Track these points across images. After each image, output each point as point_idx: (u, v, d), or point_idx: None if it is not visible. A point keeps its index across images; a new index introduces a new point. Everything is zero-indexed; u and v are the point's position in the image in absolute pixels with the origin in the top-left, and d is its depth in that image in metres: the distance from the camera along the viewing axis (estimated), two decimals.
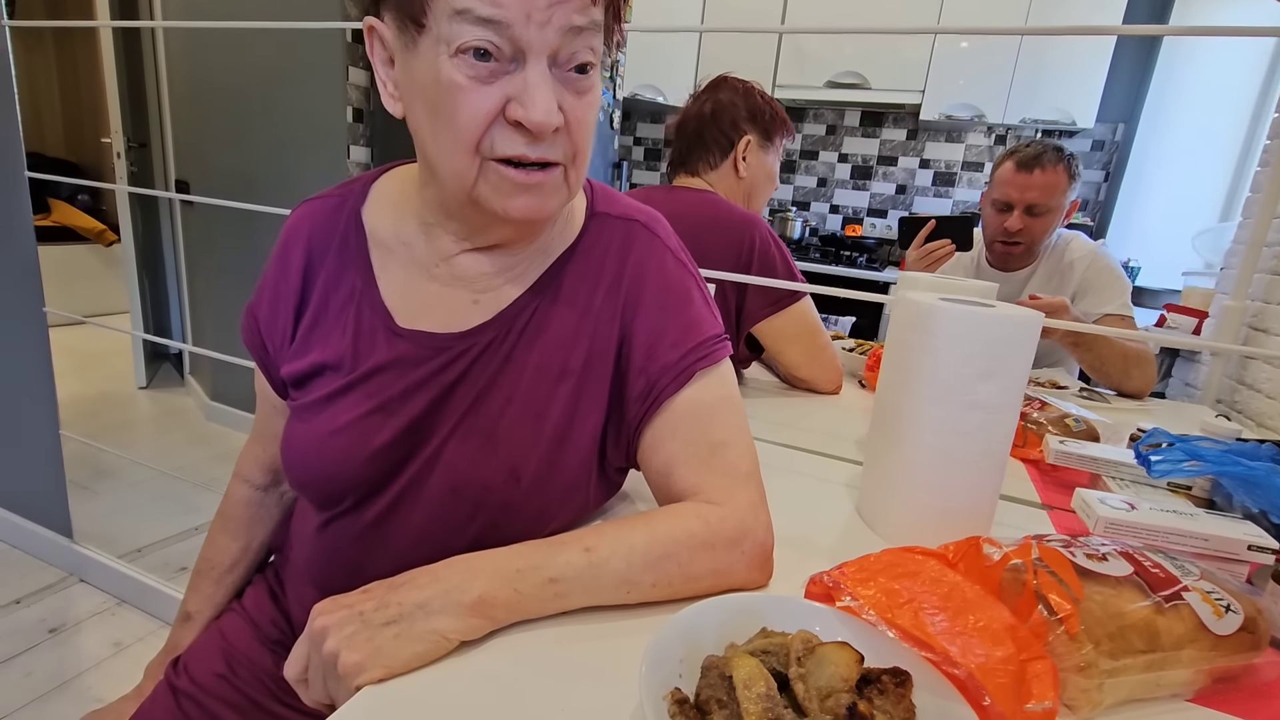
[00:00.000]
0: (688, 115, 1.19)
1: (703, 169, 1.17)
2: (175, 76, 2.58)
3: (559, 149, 0.49)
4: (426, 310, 0.57)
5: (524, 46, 0.45)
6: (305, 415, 0.58)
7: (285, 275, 0.60)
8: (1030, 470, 0.87)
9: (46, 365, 1.64)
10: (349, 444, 0.55)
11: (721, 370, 0.58)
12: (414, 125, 0.51)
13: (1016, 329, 0.57)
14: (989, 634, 0.40)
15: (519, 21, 0.43)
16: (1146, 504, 0.65)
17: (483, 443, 0.55)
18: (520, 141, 0.47)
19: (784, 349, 1.11)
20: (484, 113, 0.46)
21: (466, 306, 0.57)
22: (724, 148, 1.16)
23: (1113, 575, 0.46)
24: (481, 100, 0.45)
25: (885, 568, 0.46)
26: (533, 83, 0.45)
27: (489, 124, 0.46)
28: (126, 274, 2.84)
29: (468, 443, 0.55)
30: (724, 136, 1.15)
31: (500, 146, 0.47)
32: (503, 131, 0.47)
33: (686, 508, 0.52)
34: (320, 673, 0.43)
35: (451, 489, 0.54)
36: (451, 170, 0.49)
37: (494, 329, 0.56)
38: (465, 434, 0.55)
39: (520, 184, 0.48)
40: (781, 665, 0.37)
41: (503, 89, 0.46)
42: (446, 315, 0.56)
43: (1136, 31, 0.72)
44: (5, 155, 1.53)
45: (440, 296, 0.57)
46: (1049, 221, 1.43)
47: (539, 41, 0.45)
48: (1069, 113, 2.60)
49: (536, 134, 0.46)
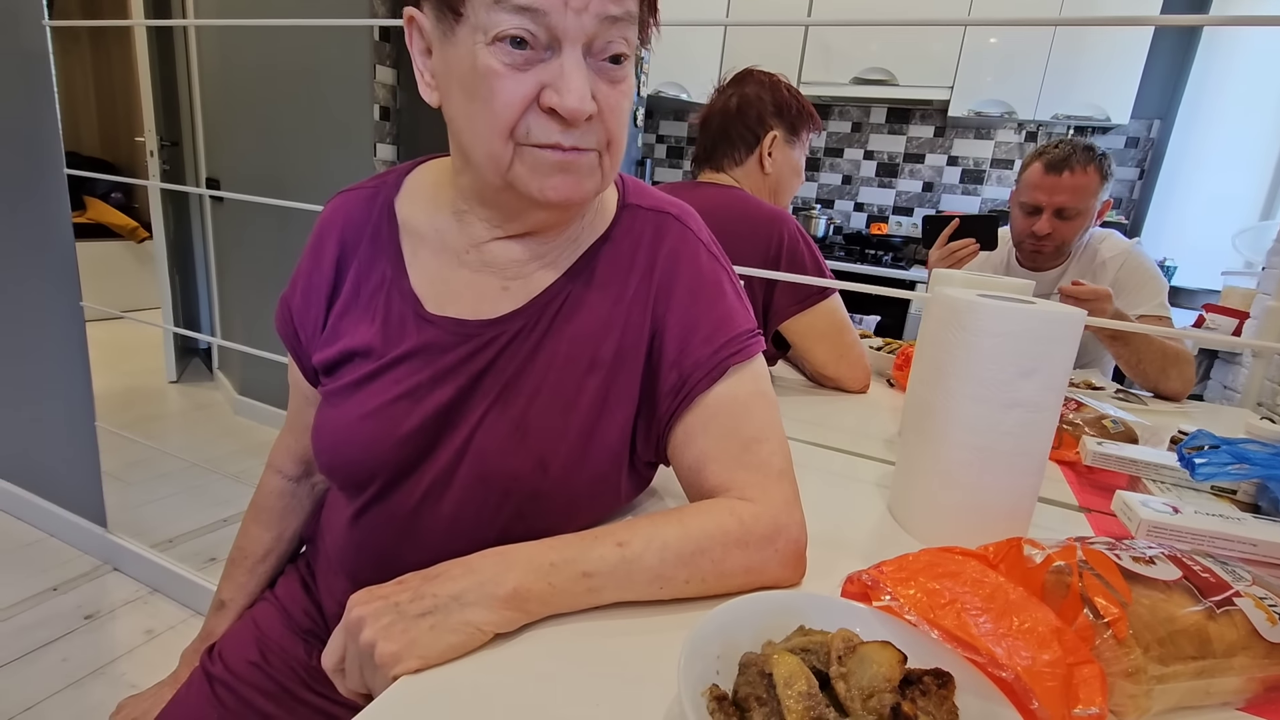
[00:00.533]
0: (712, 110, 1.17)
1: (728, 165, 1.16)
2: (207, 76, 2.63)
3: (592, 136, 0.49)
4: (456, 296, 0.57)
5: (560, 34, 0.45)
6: (335, 400, 0.58)
7: (318, 265, 0.61)
8: (1066, 472, 0.85)
9: (83, 359, 1.68)
10: (377, 428, 0.55)
11: (755, 366, 0.57)
12: (450, 113, 0.51)
13: (1059, 325, 0.56)
14: (1034, 637, 0.39)
15: (556, 9, 0.44)
16: (1190, 507, 0.64)
17: (511, 432, 0.55)
18: (555, 129, 0.47)
19: (812, 347, 1.10)
20: (518, 99, 0.46)
21: (496, 293, 0.57)
22: (749, 143, 1.14)
23: (1161, 579, 0.45)
24: (516, 86, 0.46)
25: (925, 567, 0.45)
26: (568, 70, 0.46)
27: (524, 110, 0.47)
28: (158, 270, 2.90)
29: (496, 431, 0.55)
30: (749, 132, 1.14)
31: (535, 133, 0.48)
32: (537, 118, 0.47)
33: (720, 504, 0.52)
34: (357, 662, 0.43)
35: (480, 477, 0.55)
36: (487, 154, 0.49)
37: (523, 317, 0.56)
38: (494, 422, 0.55)
39: (555, 163, 0.48)
40: (821, 664, 0.37)
41: (538, 76, 0.46)
42: (476, 301, 0.57)
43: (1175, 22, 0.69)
44: (46, 154, 1.57)
45: (470, 282, 0.57)
46: (1079, 224, 1.39)
47: (575, 29, 0.45)
48: (1103, 109, 2.54)
49: (570, 120, 0.47)
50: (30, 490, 1.86)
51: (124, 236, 4.04)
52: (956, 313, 0.59)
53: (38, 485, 1.86)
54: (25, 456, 1.88)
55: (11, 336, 1.81)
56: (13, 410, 1.87)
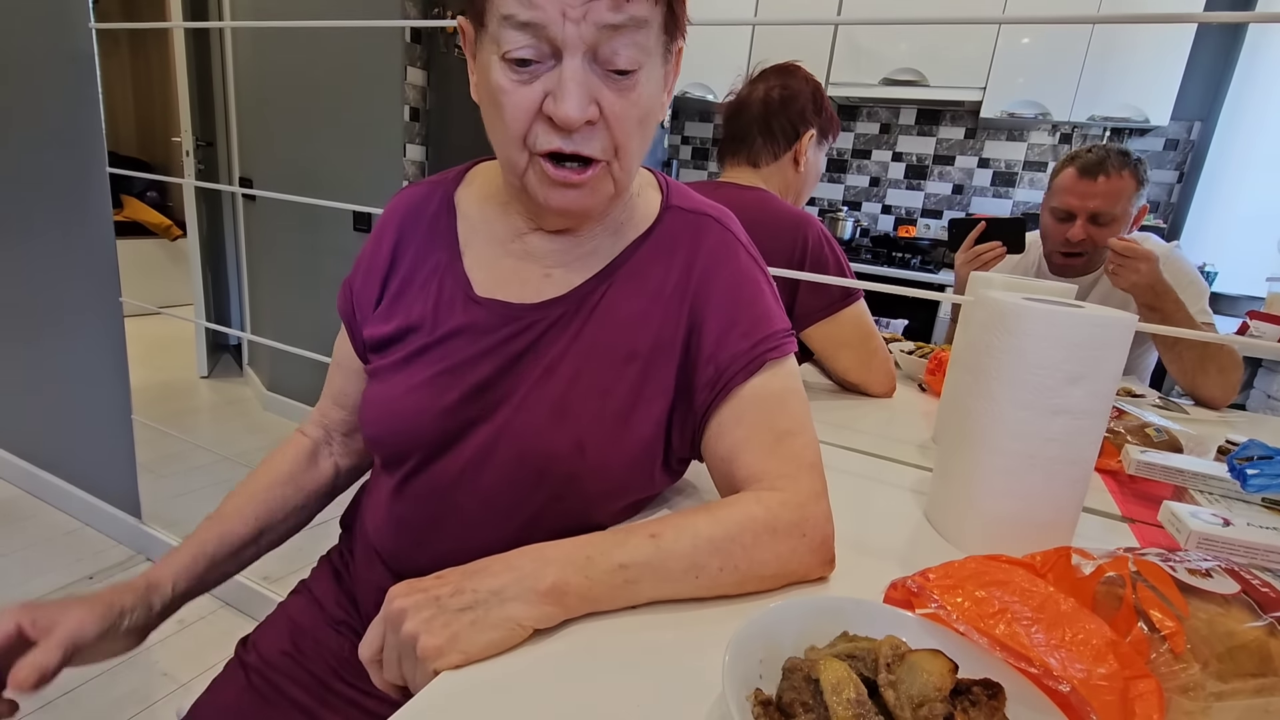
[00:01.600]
0: (751, 99, 1.13)
1: (765, 160, 1.13)
2: (242, 78, 2.68)
3: (597, 144, 0.50)
4: (503, 281, 0.60)
5: (560, 44, 0.47)
6: (384, 375, 0.61)
7: (378, 250, 0.65)
8: (1107, 481, 0.83)
9: (122, 353, 1.72)
10: (420, 401, 0.58)
11: (789, 363, 0.59)
12: (483, 113, 0.55)
13: (1110, 330, 0.54)
14: (1089, 649, 0.38)
15: (554, 21, 0.46)
16: (1242, 520, 0.62)
17: (550, 413, 0.56)
18: (557, 136, 0.49)
19: (837, 354, 1.08)
20: (524, 110, 0.49)
21: (539, 280, 0.59)
22: (790, 138, 1.12)
23: (1219, 593, 0.43)
24: (522, 99, 0.49)
25: (971, 575, 0.44)
26: (565, 78, 0.47)
27: (531, 120, 0.49)
28: (191, 267, 2.96)
29: (536, 412, 0.56)
30: (791, 127, 1.11)
31: (541, 141, 0.50)
32: (543, 126, 0.50)
33: (748, 495, 0.53)
34: (396, 654, 0.44)
35: (518, 455, 0.56)
36: (506, 160, 0.53)
37: (565, 304, 0.58)
38: (534, 403, 0.57)
39: (556, 180, 0.51)
40: (869, 671, 0.36)
41: (543, 85, 0.48)
42: (521, 286, 0.59)
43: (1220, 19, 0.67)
44: (90, 154, 1.61)
45: (515, 269, 0.60)
46: (1113, 230, 1.36)
47: (574, 38, 0.47)
48: (1141, 110, 2.48)
49: (565, 128, 0.48)
50: (69, 481, 1.91)
51: (158, 234, 4.14)
52: (1002, 316, 0.58)
53: (77, 476, 1.91)
54: (66, 449, 1.93)
55: (54, 331, 1.86)
56: (54, 403, 1.92)
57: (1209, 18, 0.68)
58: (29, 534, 1.82)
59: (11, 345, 1.96)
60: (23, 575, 1.64)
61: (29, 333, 1.91)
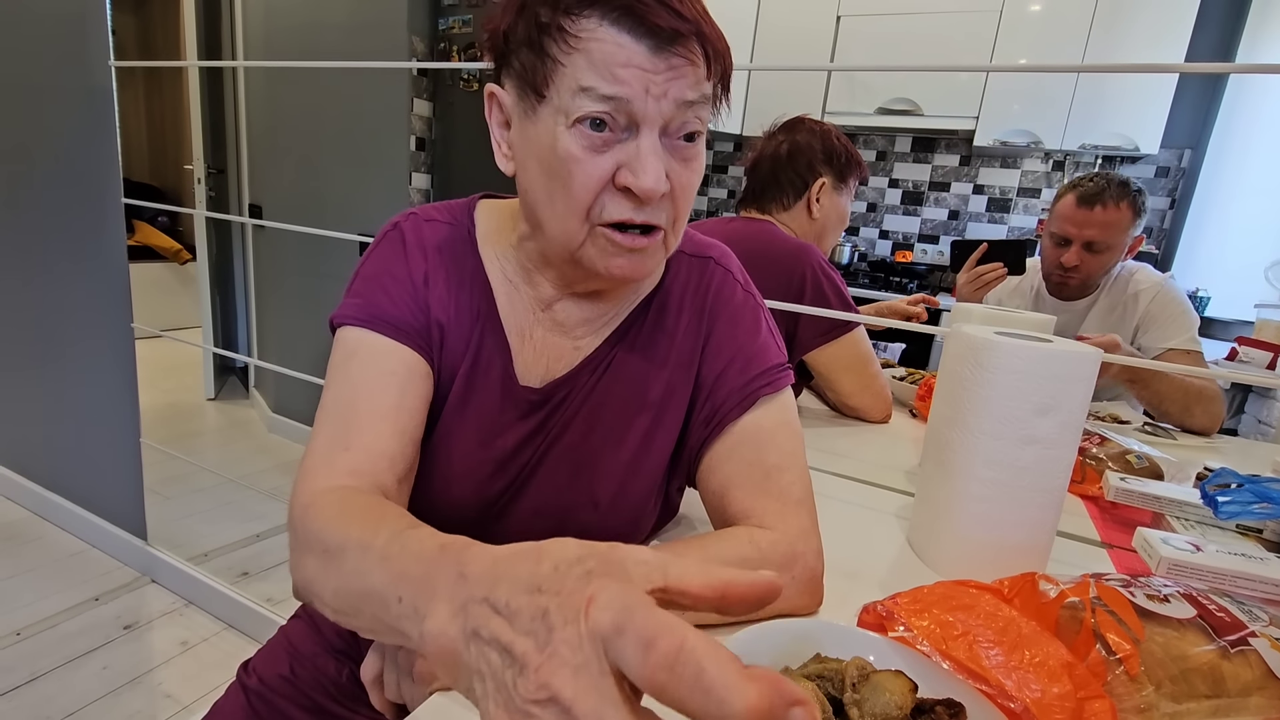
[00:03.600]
0: (763, 155, 1.21)
1: (775, 209, 1.20)
2: (253, 108, 2.76)
3: (663, 213, 0.51)
4: (536, 359, 0.60)
5: (639, 119, 0.47)
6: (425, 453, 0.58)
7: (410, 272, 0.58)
8: (1089, 507, 0.85)
9: (132, 376, 1.75)
10: (466, 491, 0.59)
11: (783, 398, 0.60)
12: (525, 184, 0.53)
13: (1075, 364, 0.57)
14: (1045, 670, 0.40)
15: (638, 97, 0.46)
16: (1213, 546, 0.64)
17: (569, 470, 0.58)
18: (628, 206, 0.49)
19: (837, 378, 1.12)
20: (596, 180, 0.48)
21: (569, 353, 0.60)
22: (798, 189, 1.18)
23: (1175, 617, 0.46)
24: (594, 168, 0.48)
25: (939, 600, 0.46)
26: (645, 152, 0.47)
27: (600, 190, 0.49)
28: (200, 291, 3.02)
29: (558, 472, 0.58)
30: (799, 178, 1.18)
31: (610, 211, 0.50)
32: (613, 197, 0.49)
33: (739, 532, 0.54)
34: (395, 675, 0.46)
35: (536, 510, 0.58)
36: (561, 231, 0.51)
37: (588, 370, 0.60)
38: (555, 463, 0.59)
39: (624, 247, 0.51)
40: (836, 690, 0.38)
41: (614, 157, 0.48)
42: (552, 363, 0.60)
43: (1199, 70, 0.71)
44: (106, 186, 1.66)
45: (545, 344, 0.60)
46: (1107, 259, 1.40)
47: (654, 114, 0.47)
48: (1131, 138, 2.53)
49: (645, 200, 0.49)
50: (77, 503, 1.94)
51: (168, 258, 4.21)
52: (974, 350, 0.61)
53: (84, 498, 1.93)
54: (74, 470, 1.96)
55: (66, 356, 1.90)
56: (64, 426, 1.96)
57: (1190, 68, 0.71)
58: (35, 556, 1.84)
59: (23, 369, 2.00)
60: (29, 597, 1.66)
61: (41, 357, 1.95)
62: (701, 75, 0.48)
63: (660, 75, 0.46)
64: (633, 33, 0.45)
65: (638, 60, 0.45)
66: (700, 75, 0.48)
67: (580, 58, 0.45)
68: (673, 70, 0.46)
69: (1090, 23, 2.51)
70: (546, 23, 0.46)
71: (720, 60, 0.49)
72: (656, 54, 0.45)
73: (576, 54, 0.45)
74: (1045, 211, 2.93)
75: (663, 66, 0.46)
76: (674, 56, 0.46)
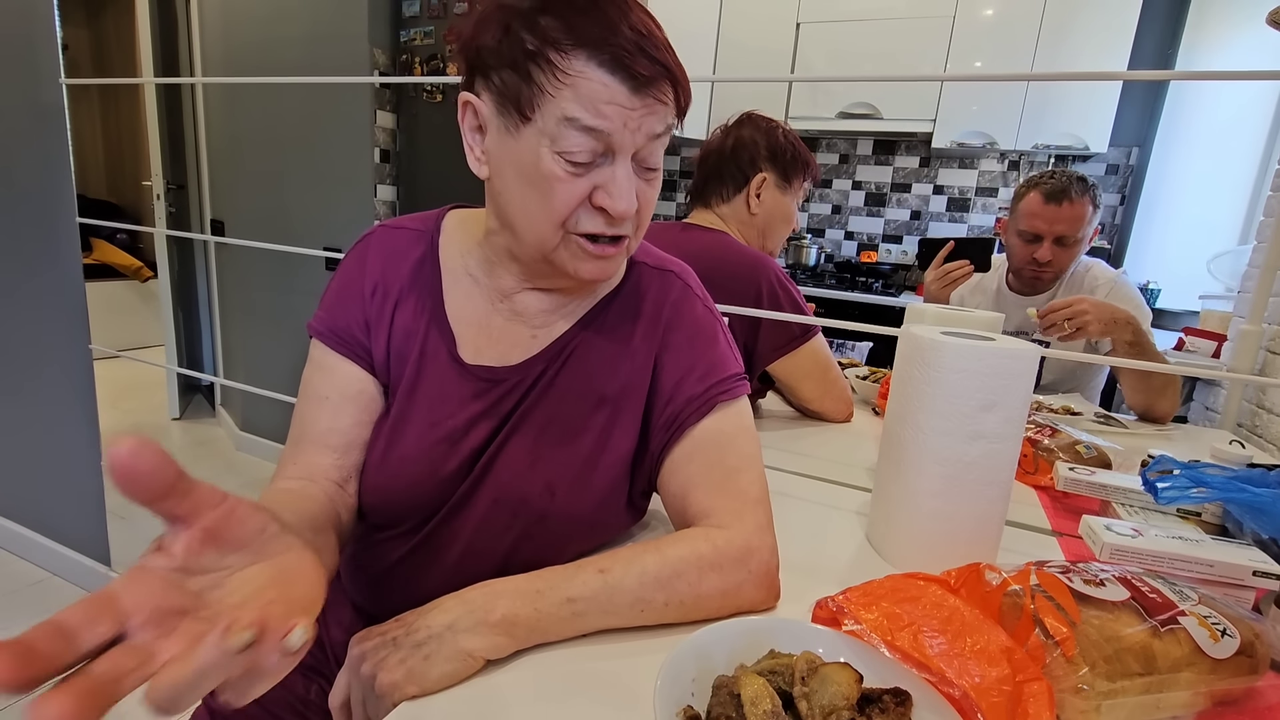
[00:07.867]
0: (709, 149, 1.21)
1: (715, 202, 1.21)
2: (213, 122, 2.71)
3: (630, 225, 0.57)
4: (491, 344, 0.63)
5: (616, 148, 0.53)
6: (375, 443, 0.62)
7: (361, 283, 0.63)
8: (1042, 497, 0.88)
9: (91, 398, 1.71)
10: (420, 472, 0.60)
11: (740, 404, 0.63)
12: (500, 189, 0.57)
13: (1016, 361, 0.59)
14: (985, 656, 0.42)
15: (618, 131, 0.52)
16: (1154, 530, 0.67)
17: (526, 459, 0.60)
18: (601, 221, 0.55)
19: (799, 385, 1.15)
20: (575, 198, 0.54)
21: (526, 341, 0.63)
22: (738, 183, 1.18)
23: (1110, 600, 0.48)
24: (573, 189, 0.53)
25: (889, 593, 0.48)
26: (619, 178, 0.53)
27: (577, 206, 0.54)
28: (162, 309, 2.95)
29: (514, 460, 0.60)
30: (740, 172, 1.18)
31: (584, 224, 0.55)
32: (588, 212, 0.55)
33: (696, 532, 0.57)
34: (360, 695, 0.46)
35: (495, 500, 0.60)
36: (536, 236, 0.56)
37: (544, 360, 0.62)
38: (512, 452, 0.61)
39: (594, 255, 0.56)
40: (787, 684, 0.40)
41: (592, 179, 0.53)
42: (507, 349, 0.63)
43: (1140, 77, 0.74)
44: (59, 206, 1.63)
45: (503, 331, 0.63)
46: (1076, 251, 1.46)
47: (629, 144, 0.53)
48: (1081, 138, 2.62)
49: (618, 219, 0.55)
50: (36, 530, 1.89)
51: (129, 276, 4.11)
52: (921, 350, 0.63)
53: (43, 525, 1.88)
54: (31, 497, 1.90)
55: (21, 377, 1.85)
56: (19, 450, 1.90)
57: (1133, 76, 0.75)
58: None
59: None
60: None
61: None
62: (670, 111, 0.55)
63: (637, 112, 0.52)
64: (616, 75, 0.50)
65: (619, 99, 0.51)
66: (669, 112, 0.54)
67: (569, 92, 0.50)
68: (647, 108, 0.52)
69: (1039, 27, 2.59)
70: (534, 51, 0.50)
71: (684, 96, 0.56)
72: (635, 94, 0.51)
73: (565, 88, 0.50)
74: (1004, 210, 3.02)
75: (639, 105, 0.51)
76: (649, 97, 0.52)
